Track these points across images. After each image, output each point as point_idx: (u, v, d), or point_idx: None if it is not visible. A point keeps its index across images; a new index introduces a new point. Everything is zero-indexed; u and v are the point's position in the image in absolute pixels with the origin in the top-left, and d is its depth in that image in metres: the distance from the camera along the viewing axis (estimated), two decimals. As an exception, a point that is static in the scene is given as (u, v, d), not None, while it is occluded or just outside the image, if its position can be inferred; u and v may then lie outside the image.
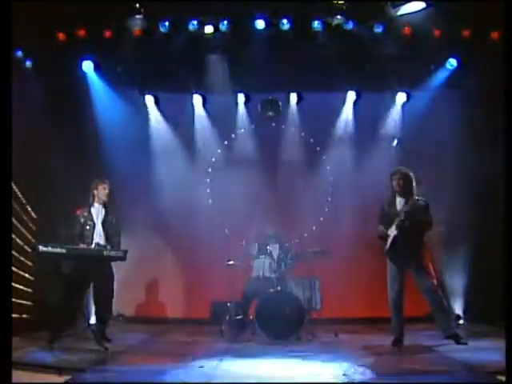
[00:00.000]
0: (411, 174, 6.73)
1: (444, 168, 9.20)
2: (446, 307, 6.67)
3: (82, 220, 7.06)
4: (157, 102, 9.78)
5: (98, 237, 7.01)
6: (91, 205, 7.15)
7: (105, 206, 7.19)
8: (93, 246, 6.87)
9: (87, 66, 8.84)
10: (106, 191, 7.16)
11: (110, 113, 9.35)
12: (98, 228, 7.06)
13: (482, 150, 8.80)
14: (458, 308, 9.08)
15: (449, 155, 9.42)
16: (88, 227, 7.01)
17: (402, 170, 6.79)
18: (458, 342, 6.40)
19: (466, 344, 6.35)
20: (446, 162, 9.33)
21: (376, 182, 9.12)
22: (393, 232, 6.59)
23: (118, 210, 7.55)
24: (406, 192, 6.69)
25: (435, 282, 6.61)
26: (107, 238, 7.05)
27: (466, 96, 9.42)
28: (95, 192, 7.15)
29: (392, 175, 6.79)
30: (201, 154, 9.93)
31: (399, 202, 6.74)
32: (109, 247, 6.72)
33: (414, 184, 6.69)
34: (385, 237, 6.66)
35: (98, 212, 7.13)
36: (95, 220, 7.07)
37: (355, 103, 9.73)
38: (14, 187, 7.43)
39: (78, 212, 7.12)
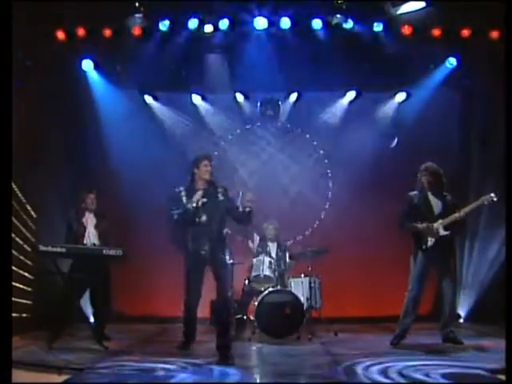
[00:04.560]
0: (441, 171, 6.64)
1: (444, 167, 9.18)
2: (455, 312, 6.63)
3: (75, 227, 7.11)
4: (156, 101, 9.78)
5: (89, 239, 7.08)
6: (82, 214, 7.20)
7: (95, 212, 7.27)
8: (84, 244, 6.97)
9: (87, 65, 8.83)
10: (95, 200, 7.27)
11: (110, 111, 9.35)
12: (92, 232, 7.11)
13: (481, 149, 8.82)
14: (458, 307, 9.07)
15: (448, 154, 9.42)
16: (81, 234, 7.07)
17: (432, 166, 6.66)
18: (455, 343, 6.40)
19: (461, 343, 6.35)
20: (445, 161, 9.32)
21: (376, 180, 9.16)
22: (441, 232, 6.46)
23: (119, 208, 7.55)
24: (437, 189, 6.60)
25: (457, 284, 6.56)
26: (99, 239, 7.12)
27: (465, 95, 9.43)
28: (83, 204, 7.22)
29: (422, 171, 6.65)
30: (200, 153, 9.91)
31: (433, 199, 6.59)
32: (106, 247, 6.70)
33: (444, 180, 6.64)
34: (428, 234, 6.47)
35: (89, 219, 7.20)
36: (87, 226, 7.14)
37: (355, 102, 9.73)
38: (14, 187, 7.43)
39: (72, 215, 7.17)
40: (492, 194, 6.35)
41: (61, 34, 8.15)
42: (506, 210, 5.46)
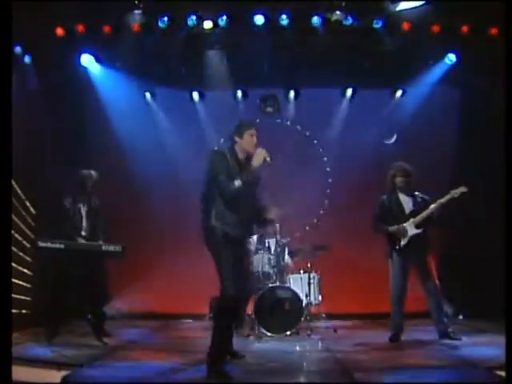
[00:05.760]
0: (412, 170, 6.71)
1: (442, 165, 9.20)
2: (442, 307, 6.66)
3: (72, 212, 7.09)
4: (155, 98, 9.79)
5: (84, 227, 7.08)
6: (78, 196, 7.18)
7: (90, 196, 7.24)
8: (81, 235, 6.98)
9: (85, 60, 8.82)
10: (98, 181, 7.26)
11: (111, 107, 9.36)
12: (84, 219, 7.11)
13: (481, 146, 8.82)
14: (457, 304, 9.07)
15: (447, 152, 9.43)
16: (76, 219, 7.05)
17: (405, 166, 6.73)
18: (452, 339, 6.41)
19: (459, 340, 6.36)
20: (444, 158, 9.34)
21: (374, 176, 9.15)
22: (412, 230, 6.54)
23: (119, 205, 7.55)
24: (410, 189, 6.69)
25: (437, 282, 6.60)
26: (93, 228, 7.11)
27: (464, 91, 9.43)
28: (85, 183, 7.19)
29: (395, 172, 6.73)
30: (200, 150, 9.92)
31: (404, 199, 6.70)
32: (105, 243, 6.70)
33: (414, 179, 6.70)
34: (399, 234, 6.58)
35: (84, 203, 7.18)
36: (82, 211, 7.12)
37: (353, 99, 9.73)
38: (14, 184, 7.42)
39: (66, 203, 7.15)
40: (462, 188, 6.42)
41: (60, 31, 8.15)
42: (505, 209, 5.46)
